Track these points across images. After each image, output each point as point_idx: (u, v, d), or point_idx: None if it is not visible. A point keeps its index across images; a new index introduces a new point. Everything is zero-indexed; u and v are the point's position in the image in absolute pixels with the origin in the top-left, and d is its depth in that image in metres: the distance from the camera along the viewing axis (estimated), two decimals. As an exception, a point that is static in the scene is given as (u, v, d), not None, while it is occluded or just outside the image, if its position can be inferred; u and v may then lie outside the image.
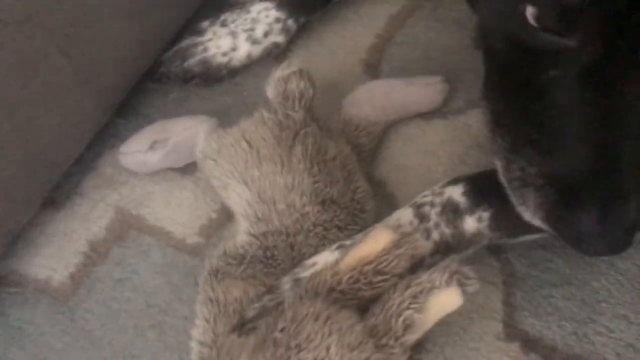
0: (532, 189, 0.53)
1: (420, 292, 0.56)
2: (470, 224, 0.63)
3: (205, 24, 0.83)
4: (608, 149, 0.49)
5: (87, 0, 0.68)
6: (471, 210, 0.63)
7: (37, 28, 0.63)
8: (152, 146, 0.76)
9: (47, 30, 0.65)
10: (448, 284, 0.56)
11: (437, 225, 0.63)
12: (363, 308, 0.59)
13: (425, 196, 0.65)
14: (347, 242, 0.63)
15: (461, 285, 0.57)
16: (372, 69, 0.82)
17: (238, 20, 0.82)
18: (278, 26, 0.81)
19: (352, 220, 0.67)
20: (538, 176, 0.53)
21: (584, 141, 0.49)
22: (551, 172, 0.52)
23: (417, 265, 0.62)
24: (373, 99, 0.75)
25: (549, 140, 0.51)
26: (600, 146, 0.49)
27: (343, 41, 0.84)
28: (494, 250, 0.69)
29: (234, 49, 0.82)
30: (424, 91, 0.76)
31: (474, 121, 0.76)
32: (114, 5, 0.71)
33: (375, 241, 0.59)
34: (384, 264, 0.58)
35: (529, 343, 0.65)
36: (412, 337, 0.56)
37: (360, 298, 0.58)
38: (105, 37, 0.72)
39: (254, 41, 0.81)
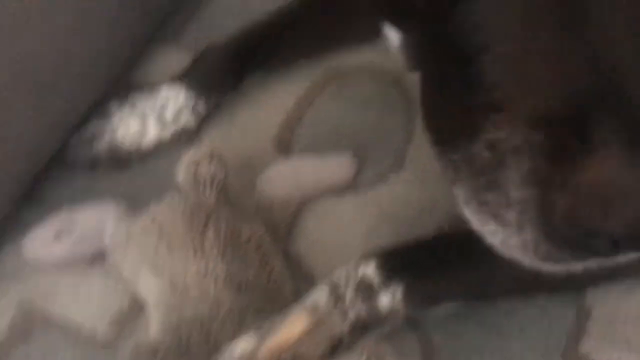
0: (512, 161, 0.34)
1: (339, 376, 0.55)
2: (384, 300, 0.63)
3: (113, 106, 0.82)
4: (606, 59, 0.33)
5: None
6: (385, 285, 0.63)
7: None
8: (58, 236, 0.72)
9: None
10: (367, 365, 0.56)
11: (352, 304, 0.63)
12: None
13: (339, 275, 0.65)
14: (265, 326, 0.62)
15: (379, 364, 0.57)
16: (284, 147, 0.83)
17: (147, 103, 0.81)
18: (188, 108, 0.81)
19: (269, 303, 0.65)
20: (517, 137, 0.34)
21: (568, 59, 0.34)
22: (535, 120, 0.34)
23: (336, 346, 0.61)
24: (286, 178, 0.76)
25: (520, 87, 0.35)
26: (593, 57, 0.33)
27: (255, 120, 0.85)
28: (411, 323, 0.70)
29: (142, 133, 0.80)
30: (335, 167, 0.78)
31: (385, 194, 0.78)
32: (16, 91, 0.69)
33: (292, 326, 0.58)
34: (303, 349, 0.57)
35: (449, 415, 0.66)
36: None
37: (278, 387, 0.57)
38: (7, 125, 0.70)
39: (164, 124, 0.81)
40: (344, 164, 0.78)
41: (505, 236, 0.37)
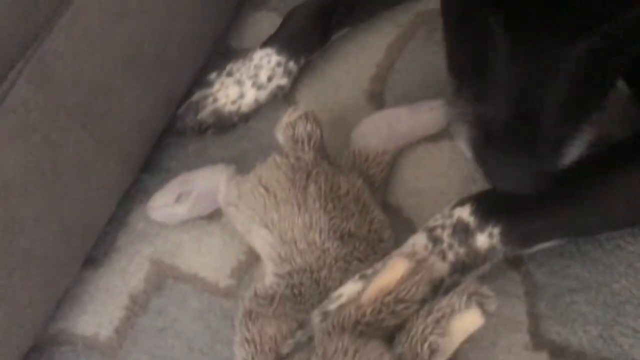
0: (466, 125, 0.59)
1: (442, 317, 0.60)
2: (482, 241, 0.66)
3: (212, 76, 0.89)
4: (529, 101, 0.53)
5: (101, 76, 0.74)
6: (481, 228, 0.66)
7: (58, 109, 0.70)
8: (178, 199, 0.80)
9: (68, 110, 0.71)
10: (468, 306, 0.60)
11: (450, 246, 0.66)
12: (389, 337, 0.62)
13: (436, 220, 0.68)
14: (369, 272, 0.67)
15: (480, 305, 0.60)
16: (377, 98, 0.86)
17: (242, 69, 0.87)
18: (280, 69, 0.86)
19: (371, 251, 0.71)
20: (471, 115, 0.58)
21: (508, 90, 0.54)
22: (480, 114, 0.57)
23: (438, 287, 0.65)
24: (379, 130, 0.79)
25: (483, 85, 0.56)
26: (522, 97, 0.53)
27: (346, 75, 0.88)
28: (514, 262, 0.72)
29: (241, 96, 0.87)
30: (428, 115, 0.80)
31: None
32: (126, 75, 0.77)
33: (393, 271, 0.62)
34: (404, 292, 0.62)
35: (556, 351, 0.68)
36: (438, 360, 0.60)
37: (385, 328, 0.62)
38: (122, 105, 0.78)
39: (259, 86, 0.86)
40: (437, 111, 0.80)
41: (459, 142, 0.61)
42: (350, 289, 0.66)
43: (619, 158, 0.67)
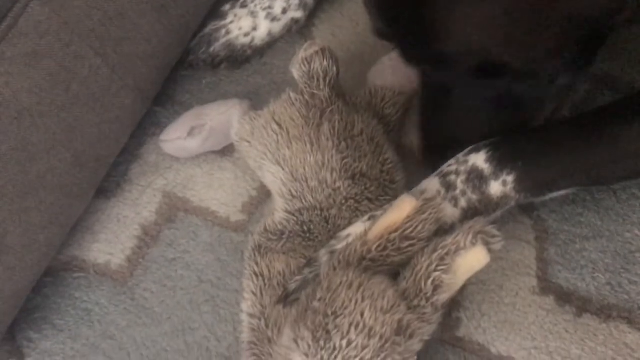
0: None
1: (447, 254, 0.62)
2: (495, 188, 0.67)
3: (226, 7, 0.89)
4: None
5: (116, 2, 0.74)
6: (495, 175, 0.67)
7: (72, 34, 0.71)
8: (191, 132, 0.82)
9: (82, 35, 0.72)
10: (473, 244, 0.62)
11: (463, 193, 0.67)
12: (394, 273, 0.65)
13: (450, 165, 0.69)
14: (378, 213, 0.69)
15: (486, 244, 0.62)
16: (396, 37, 0.85)
17: (257, 0, 0.87)
18: (296, 2, 0.86)
19: (382, 192, 0.72)
20: None
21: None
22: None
23: (447, 232, 0.67)
24: (397, 69, 0.79)
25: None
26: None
27: (365, 11, 0.88)
28: (526, 208, 0.74)
29: (254, 29, 0.87)
30: (447, 55, 0.80)
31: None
32: (141, 2, 0.78)
33: (400, 210, 0.64)
34: (410, 229, 0.64)
35: (563, 296, 0.71)
36: (442, 297, 0.62)
37: (390, 264, 0.64)
38: (136, 33, 0.79)
39: (274, 18, 0.86)
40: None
41: None
42: (358, 229, 0.68)
43: (637, 107, 0.67)
